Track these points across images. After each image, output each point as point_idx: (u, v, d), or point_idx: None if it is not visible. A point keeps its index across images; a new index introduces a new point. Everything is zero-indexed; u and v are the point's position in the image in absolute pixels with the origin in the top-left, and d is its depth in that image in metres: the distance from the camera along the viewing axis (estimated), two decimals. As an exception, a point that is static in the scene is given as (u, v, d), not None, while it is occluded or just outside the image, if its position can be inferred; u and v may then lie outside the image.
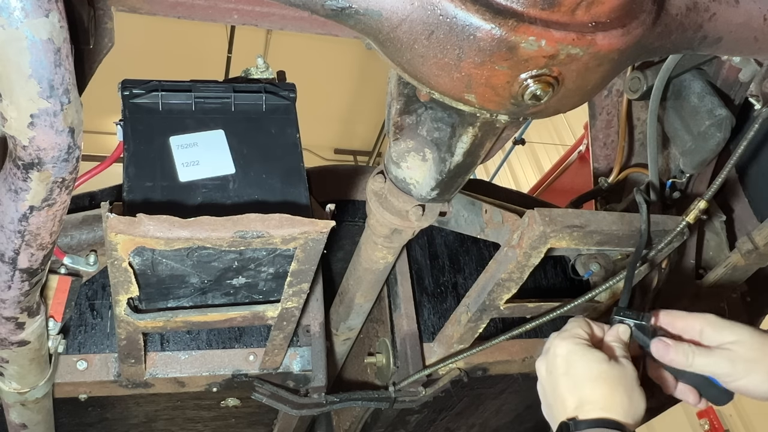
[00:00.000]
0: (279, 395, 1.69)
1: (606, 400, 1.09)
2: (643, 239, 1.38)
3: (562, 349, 1.16)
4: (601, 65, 0.90)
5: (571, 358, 1.15)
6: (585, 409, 1.09)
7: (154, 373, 1.59)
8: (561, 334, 1.19)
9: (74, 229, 1.50)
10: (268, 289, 1.37)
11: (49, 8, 0.72)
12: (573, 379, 1.13)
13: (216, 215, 1.12)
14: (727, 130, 1.67)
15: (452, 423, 2.28)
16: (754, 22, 1.12)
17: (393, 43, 0.90)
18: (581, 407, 1.10)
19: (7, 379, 1.40)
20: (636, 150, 2.00)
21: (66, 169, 0.89)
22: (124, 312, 1.29)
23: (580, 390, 1.11)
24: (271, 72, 1.53)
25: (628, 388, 1.11)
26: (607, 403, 1.09)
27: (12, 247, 1.00)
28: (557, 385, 1.15)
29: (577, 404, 1.11)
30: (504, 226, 1.56)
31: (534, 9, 0.83)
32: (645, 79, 1.72)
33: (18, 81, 0.76)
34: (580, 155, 6.59)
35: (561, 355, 1.16)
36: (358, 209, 1.87)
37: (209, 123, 1.34)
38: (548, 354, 1.19)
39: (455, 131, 1.11)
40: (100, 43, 1.30)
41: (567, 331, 1.20)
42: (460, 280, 1.93)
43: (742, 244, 1.68)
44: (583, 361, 1.13)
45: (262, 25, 1.36)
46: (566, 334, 1.19)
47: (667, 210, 1.88)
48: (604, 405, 1.08)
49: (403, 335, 1.78)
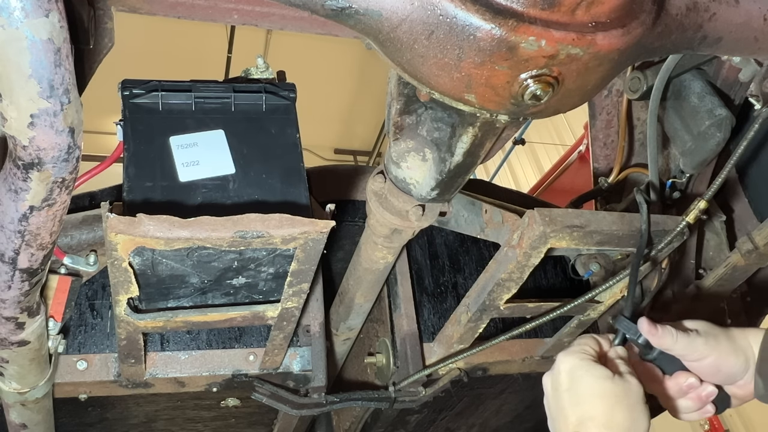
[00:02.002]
0: (279, 395, 1.69)
1: (606, 417, 1.08)
2: (644, 240, 1.38)
3: (566, 364, 1.16)
4: (601, 65, 0.90)
5: (575, 373, 1.14)
6: (586, 425, 1.09)
7: (154, 373, 1.59)
8: (567, 350, 1.20)
9: (74, 229, 1.50)
10: (268, 289, 1.37)
11: (49, 8, 0.72)
12: (575, 395, 1.13)
13: (216, 215, 1.12)
14: (727, 130, 1.67)
15: (452, 423, 2.28)
16: (754, 22, 1.12)
17: (393, 43, 0.90)
18: (582, 424, 1.10)
19: (7, 379, 1.40)
20: (636, 150, 2.00)
21: (66, 169, 0.89)
22: (124, 312, 1.29)
23: (582, 406, 1.11)
24: (271, 72, 1.53)
25: (630, 405, 1.10)
26: (607, 420, 1.08)
27: (12, 247, 1.00)
28: (560, 400, 1.15)
29: (578, 421, 1.10)
30: (504, 226, 1.56)
31: (534, 9, 0.83)
32: (645, 79, 1.72)
33: (18, 81, 0.76)
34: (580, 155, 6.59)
35: (565, 371, 1.16)
36: (358, 209, 1.87)
37: (209, 123, 1.34)
38: (554, 370, 1.19)
39: (455, 131, 1.11)
40: (100, 43, 1.30)
41: (573, 347, 1.20)
42: (460, 280, 1.93)
43: (742, 244, 1.68)
44: (586, 377, 1.13)
45: (262, 25, 1.36)
46: (572, 349, 1.19)
47: (667, 210, 1.88)
48: (605, 422, 1.08)
49: (403, 335, 1.78)
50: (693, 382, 1.21)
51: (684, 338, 1.19)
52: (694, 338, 1.19)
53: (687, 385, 1.21)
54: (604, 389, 1.11)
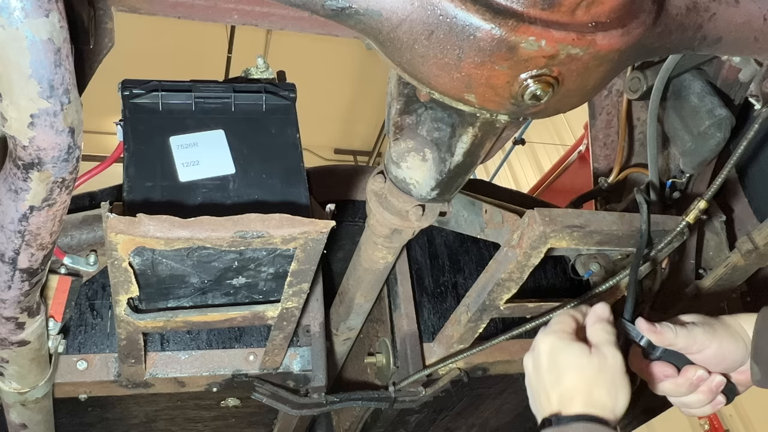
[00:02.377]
0: (279, 395, 1.69)
1: (587, 395, 1.10)
2: (644, 241, 1.38)
3: (545, 344, 1.19)
4: (601, 65, 0.90)
5: (554, 353, 1.17)
6: (567, 404, 1.11)
7: (154, 373, 1.60)
8: (545, 329, 1.22)
9: (74, 229, 1.50)
10: (268, 289, 1.37)
11: (49, 8, 0.72)
12: (555, 374, 1.15)
13: (216, 215, 1.12)
14: (727, 130, 1.67)
15: (452, 423, 2.28)
16: (754, 22, 1.12)
17: (393, 43, 0.90)
18: (563, 402, 1.12)
19: (7, 379, 1.40)
20: (636, 150, 1.99)
21: (66, 169, 0.89)
22: (124, 312, 1.29)
23: (562, 384, 1.13)
24: (271, 72, 1.53)
25: (610, 379, 1.12)
26: (587, 398, 1.10)
27: (12, 247, 1.00)
28: (541, 381, 1.17)
29: (559, 399, 1.12)
30: (504, 226, 1.56)
31: (534, 9, 0.83)
32: (645, 79, 1.72)
33: (18, 81, 0.76)
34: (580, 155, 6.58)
35: (545, 351, 1.18)
36: (358, 209, 1.88)
37: (209, 123, 1.34)
38: (534, 350, 1.22)
39: (455, 131, 1.11)
40: (100, 43, 1.29)
41: (550, 326, 1.22)
42: (460, 280, 1.93)
43: (742, 244, 1.68)
44: (564, 356, 1.15)
45: (262, 25, 1.35)
46: (550, 329, 1.21)
47: (667, 210, 1.88)
48: (585, 400, 1.10)
49: (403, 335, 1.78)
50: (702, 374, 1.21)
51: (683, 331, 1.20)
52: (693, 329, 1.20)
53: (697, 378, 1.22)
54: (582, 366, 1.13)
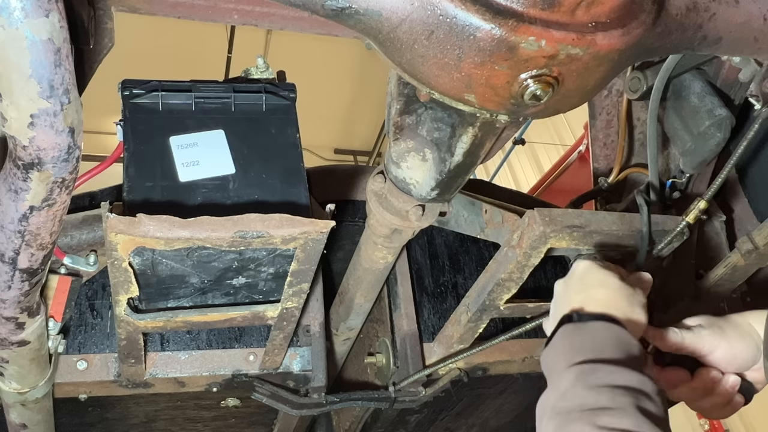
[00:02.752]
0: (279, 395, 1.69)
1: (609, 302, 1.13)
2: (645, 242, 1.38)
3: (581, 266, 1.22)
4: (601, 65, 0.90)
5: (587, 272, 1.20)
6: (588, 304, 1.13)
7: (154, 373, 1.59)
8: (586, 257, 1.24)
9: (74, 229, 1.50)
10: (268, 289, 1.37)
11: (49, 8, 0.72)
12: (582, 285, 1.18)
13: (216, 215, 1.12)
14: (727, 130, 1.67)
15: (452, 423, 2.28)
16: (754, 22, 1.12)
17: (393, 43, 0.90)
18: (585, 303, 1.14)
19: (7, 379, 1.40)
20: (636, 150, 1.99)
21: (66, 169, 0.89)
22: (124, 312, 1.29)
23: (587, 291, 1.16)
24: (271, 72, 1.53)
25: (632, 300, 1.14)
26: (610, 303, 1.12)
27: (12, 247, 1.00)
28: (567, 291, 1.20)
29: (581, 302, 1.14)
30: (504, 226, 1.56)
31: (534, 9, 0.83)
32: (645, 79, 1.72)
33: (18, 81, 0.76)
34: (580, 155, 6.58)
35: (578, 271, 1.21)
36: (358, 209, 1.87)
37: (209, 123, 1.34)
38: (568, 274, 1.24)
39: (455, 131, 1.11)
40: (100, 43, 1.29)
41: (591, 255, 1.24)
42: (460, 280, 1.93)
43: (742, 244, 1.68)
44: (596, 275, 1.18)
45: (262, 25, 1.35)
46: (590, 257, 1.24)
47: (667, 210, 1.88)
48: (606, 304, 1.12)
49: (403, 335, 1.78)
50: (716, 375, 1.21)
51: (689, 334, 1.20)
52: (699, 331, 1.20)
53: (711, 379, 1.22)
54: (610, 282, 1.16)
